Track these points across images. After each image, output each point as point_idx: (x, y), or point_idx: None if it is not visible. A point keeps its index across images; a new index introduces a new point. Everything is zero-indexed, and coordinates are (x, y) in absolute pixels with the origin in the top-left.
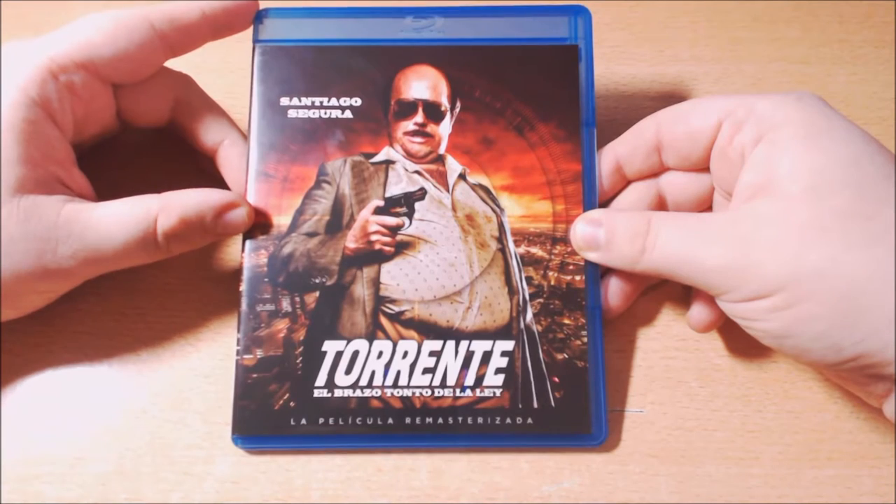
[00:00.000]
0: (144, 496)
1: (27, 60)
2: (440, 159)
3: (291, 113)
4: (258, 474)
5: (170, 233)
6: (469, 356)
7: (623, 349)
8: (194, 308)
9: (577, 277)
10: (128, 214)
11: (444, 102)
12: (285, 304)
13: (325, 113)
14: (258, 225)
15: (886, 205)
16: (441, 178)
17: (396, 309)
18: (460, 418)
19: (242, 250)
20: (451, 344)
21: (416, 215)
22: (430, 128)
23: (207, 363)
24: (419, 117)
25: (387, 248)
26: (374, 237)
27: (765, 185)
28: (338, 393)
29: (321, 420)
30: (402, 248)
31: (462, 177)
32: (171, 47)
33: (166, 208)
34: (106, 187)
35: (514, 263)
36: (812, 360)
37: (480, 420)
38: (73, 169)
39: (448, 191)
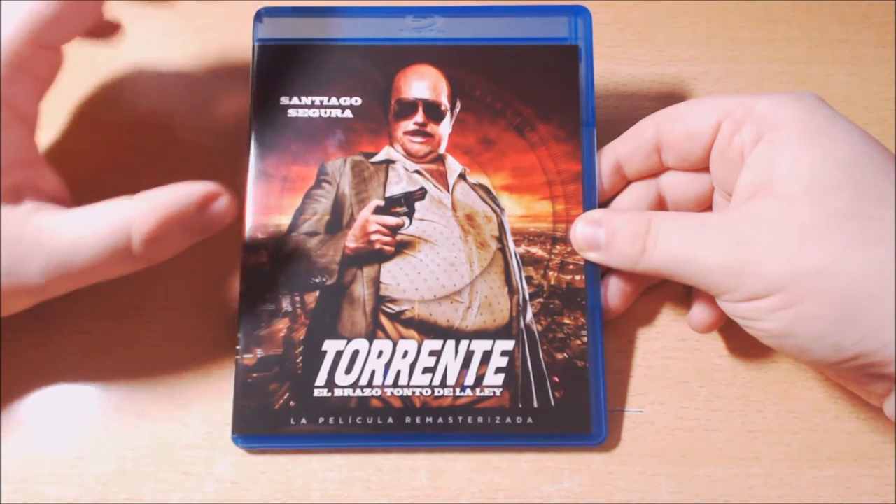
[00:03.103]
0: (144, 496)
1: None
2: (440, 159)
3: (291, 112)
4: (258, 474)
5: (148, 238)
6: (469, 356)
7: (623, 349)
8: (194, 308)
9: (577, 277)
10: (99, 222)
11: (445, 102)
12: (285, 304)
13: (325, 112)
14: (258, 225)
15: (886, 205)
16: (441, 177)
17: (396, 308)
18: (460, 418)
19: (242, 250)
20: (451, 343)
21: (416, 215)
22: (431, 127)
23: (207, 363)
24: (419, 117)
25: (387, 248)
26: (374, 237)
27: (764, 185)
28: (338, 392)
29: (321, 419)
30: (402, 247)
31: (462, 176)
32: None
33: (142, 211)
34: (80, 186)
35: (514, 263)
36: (812, 360)
37: (480, 420)
38: (42, 169)
39: (448, 190)
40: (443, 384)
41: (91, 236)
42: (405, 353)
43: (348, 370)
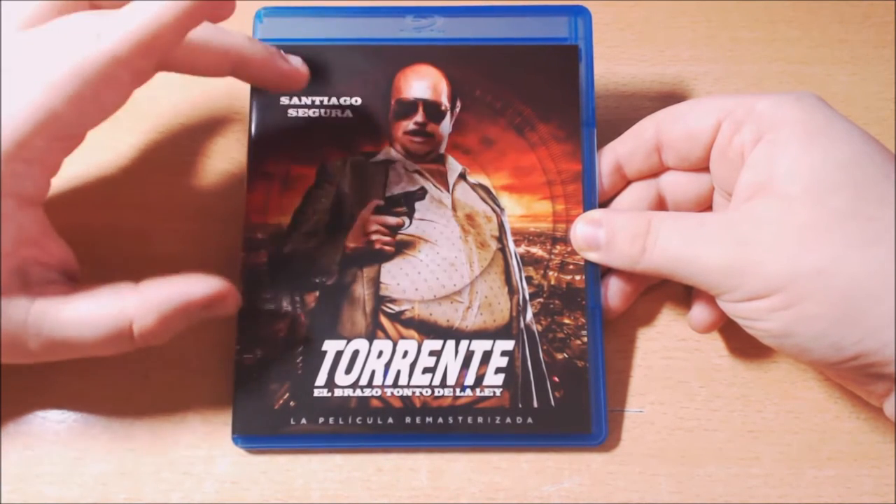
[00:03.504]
0: (144, 496)
1: None
2: (440, 159)
3: (291, 112)
4: (258, 474)
5: (147, 333)
6: (469, 356)
7: (623, 349)
8: None
9: (577, 277)
10: (99, 314)
11: (445, 102)
12: (285, 304)
13: (325, 112)
14: (258, 225)
15: (886, 205)
16: (441, 177)
17: (396, 308)
18: (460, 418)
19: (242, 250)
20: (451, 343)
21: (416, 215)
22: (431, 127)
23: (207, 363)
24: (419, 117)
25: (387, 248)
26: (374, 237)
27: (764, 185)
28: (338, 392)
29: (321, 420)
30: (402, 247)
31: (462, 176)
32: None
33: (143, 307)
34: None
35: (514, 263)
36: (812, 360)
37: (480, 420)
38: (48, 242)
39: (448, 190)
40: (443, 384)
41: (91, 327)
42: (405, 353)
43: (348, 370)
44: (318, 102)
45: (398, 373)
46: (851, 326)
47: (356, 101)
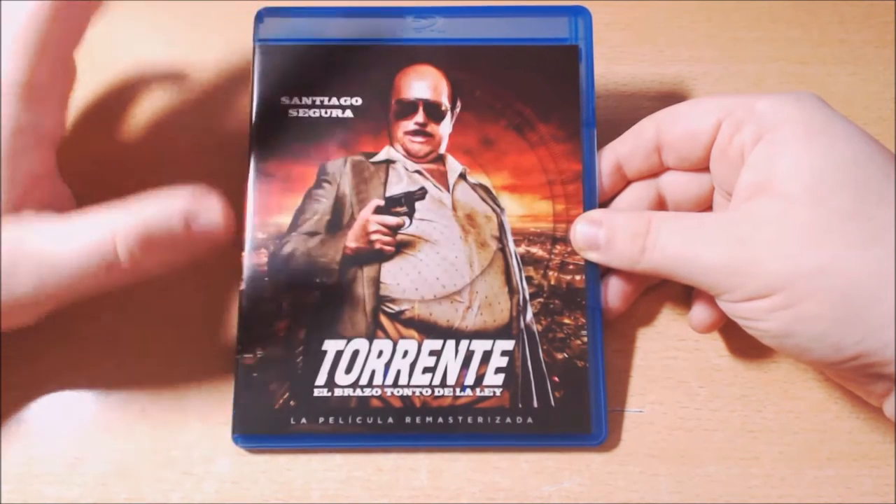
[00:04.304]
0: (144, 496)
1: None
2: (440, 159)
3: (292, 112)
4: (258, 474)
5: (134, 250)
6: (469, 356)
7: (623, 349)
8: (194, 308)
9: (577, 277)
10: (84, 232)
11: (445, 102)
12: (285, 304)
13: (326, 112)
14: (259, 225)
15: (886, 205)
16: (441, 177)
17: (397, 308)
18: (460, 418)
19: (242, 250)
20: (451, 343)
21: (416, 215)
22: (431, 127)
23: (207, 363)
24: (420, 117)
25: (387, 248)
26: (374, 237)
27: (764, 184)
28: (338, 392)
29: (321, 419)
30: (402, 247)
31: (462, 176)
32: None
33: (125, 223)
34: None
35: (514, 263)
36: (812, 360)
37: (480, 420)
38: (50, 182)
39: (448, 190)
40: (443, 384)
41: (77, 247)
42: (405, 353)
43: (348, 370)
44: (318, 102)
45: (398, 373)
46: (852, 326)
47: (356, 101)
